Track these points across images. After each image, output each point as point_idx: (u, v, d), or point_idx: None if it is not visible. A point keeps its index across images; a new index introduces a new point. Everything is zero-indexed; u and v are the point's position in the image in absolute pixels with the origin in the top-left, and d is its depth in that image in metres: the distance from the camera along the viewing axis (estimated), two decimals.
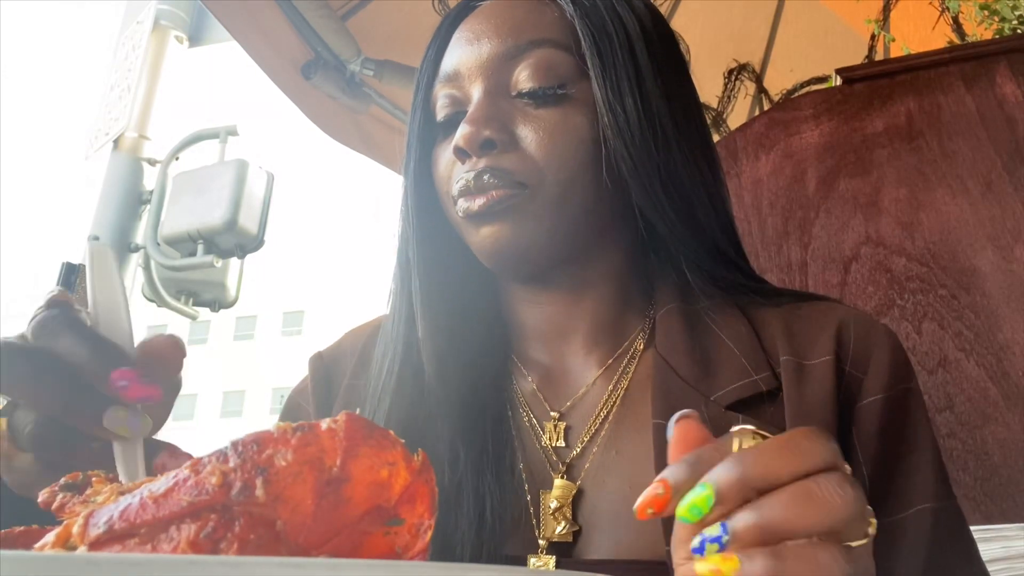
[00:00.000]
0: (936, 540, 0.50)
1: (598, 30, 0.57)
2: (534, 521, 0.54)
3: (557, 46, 0.58)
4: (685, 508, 0.32)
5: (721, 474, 0.32)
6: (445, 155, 0.59)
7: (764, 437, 0.35)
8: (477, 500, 0.53)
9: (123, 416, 0.38)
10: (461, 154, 0.57)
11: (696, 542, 0.33)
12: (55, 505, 0.31)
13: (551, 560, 0.52)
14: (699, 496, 0.32)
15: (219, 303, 3.70)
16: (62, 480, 0.33)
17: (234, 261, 3.57)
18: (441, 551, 0.51)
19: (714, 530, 0.32)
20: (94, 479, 0.33)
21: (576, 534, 0.53)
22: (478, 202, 0.55)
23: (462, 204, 0.57)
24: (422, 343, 0.58)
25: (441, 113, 0.60)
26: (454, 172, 0.58)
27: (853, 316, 0.57)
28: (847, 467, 0.34)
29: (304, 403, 0.66)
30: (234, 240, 3.33)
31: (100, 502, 0.30)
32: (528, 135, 0.56)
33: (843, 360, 0.55)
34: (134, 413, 0.38)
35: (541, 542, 0.53)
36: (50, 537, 0.27)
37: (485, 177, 0.55)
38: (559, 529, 0.53)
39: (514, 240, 0.56)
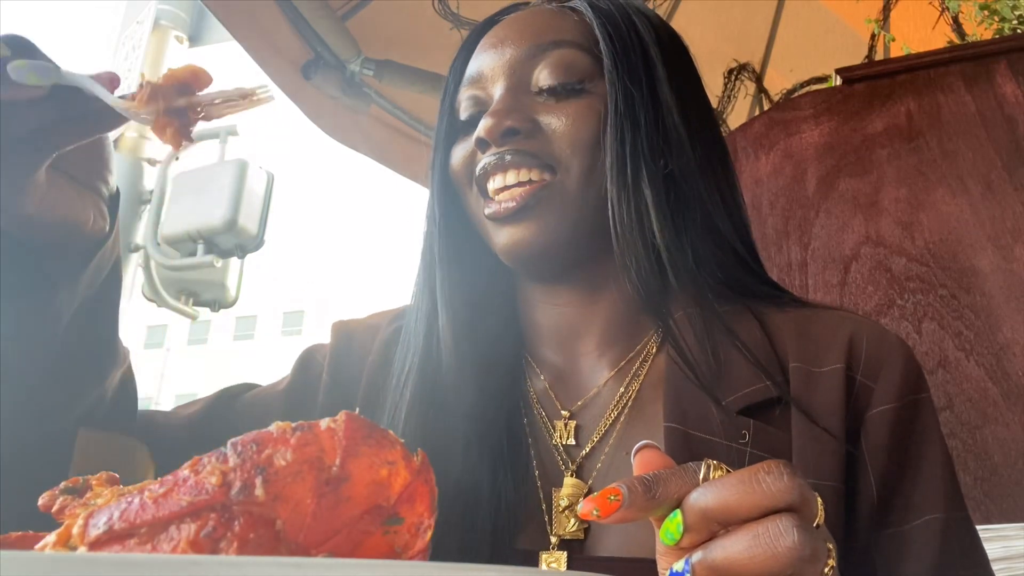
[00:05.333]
0: (945, 551, 0.50)
1: (615, 32, 0.60)
2: (546, 518, 0.54)
3: (576, 47, 0.60)
4: (661, 532, 0.35)
5: (687, 504, 0.35)
6: (463, 148, 0.61)
7: (728, 471, 0.36)
8: (492, 495, 0.54)
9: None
10: (482, 144, 0.58)
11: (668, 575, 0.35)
12: (55, 508, 0.31)
13: (563, 556, 0.52)
14: (670, 522, 0.35)
15: (219, 303, 3.71)
16: (62, 484, 0.33)
17: (234, 261, 3.57)
18: (459, 546, 0.52)
19: (679, 565, 0.34)
20: (94, 482, 0.33)
21: (587, 531, 0.53)
22: (503, 204, 0.57)
23: (486, 208, 0.58)
24: (442, 339, 0.59)
25: (464, 114, 0.62)
26: (475, 160, 0.59)
27: (866, 326, 0.57)
28: (811, 501, 0.35)
29: (320, 358, 0.67)
30: (234, 240, 3.34)
31: (100, 504, 0.30)
32: (552, 122, 0.58)
33: (854, 369, 0.55)
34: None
35: (553, 539, 0.53)
36: (51, 537, 0.27)
37: (507, 157, 0.57)
38: (570, 527, 0.53)
39: (535, 240, 0.57)
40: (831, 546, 0.35)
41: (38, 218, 0.49)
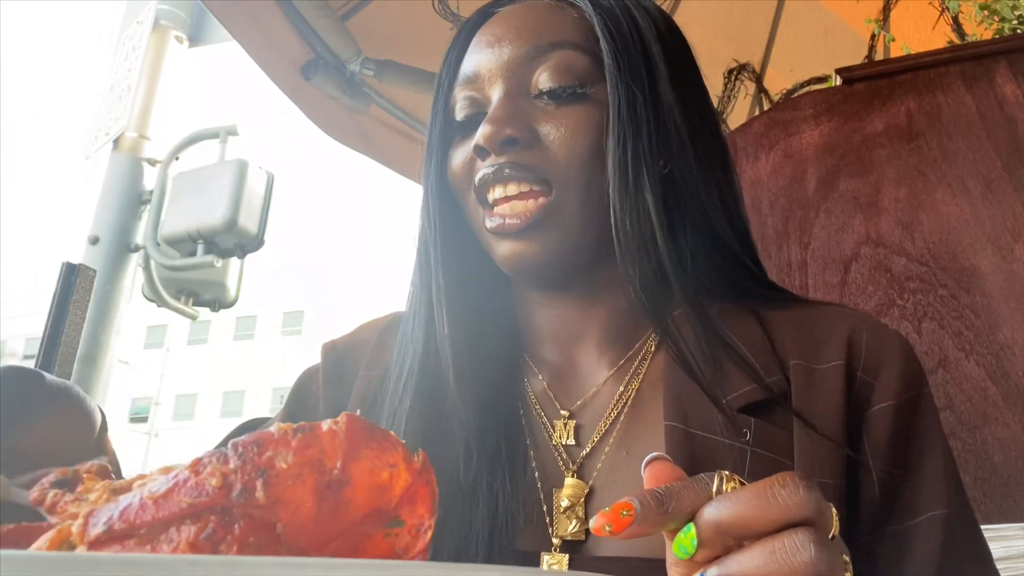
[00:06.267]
0: (948, 547, 0.50)
1: (616, 31, 0.58)
2: (547, 519, 0.54)
3: (576, 48, 0.58)
4: (674, 545, 0.35)
5: (701, 518, 0.34)
6: (462, 152, 0.60)
7: (742, 483, 0.35)
8: (490, 497, 0.53)
9: None
10: (482, 152, 0.57)
11: None
12: (47, 503, 0.31)
13: (564, 558, 0.52)
14: (684, 536, 0.34)
15: (219, 303, 3.70)
16: (52, 476, 0.32)
17: (234, 261, 3.57)
18: (456, 548, 0.52)
19: None
20: (85, 475, 0.33)
21: (587, 532, 0.53)
22: (503, 219, 0.56)
23: (487, 221, 0.57)
24: (441, 341, 0.59)
25: (460, 114, 0.61)
26: (474, 168, 0.58)
27: (865, 322, 0.57)
28: (827, 513, 0.35)
29: (314, 387, 0.66)
30: (234, 240, 3.34)
31: (93, 500, 0.30)
32: (550, 132, 0.57)
33: (854, 365, 0.55)
34: None
35: (555, 540, 0.53)
36: (43, 542, 0.27)
37: (506, 170, 0.56)
38: (571, 527, 0.53)
39: (538, 256, 0.56)
40: (847, 558, 0.35)
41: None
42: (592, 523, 0.35)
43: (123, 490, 0.30)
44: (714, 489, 0.35)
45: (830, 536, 0.34)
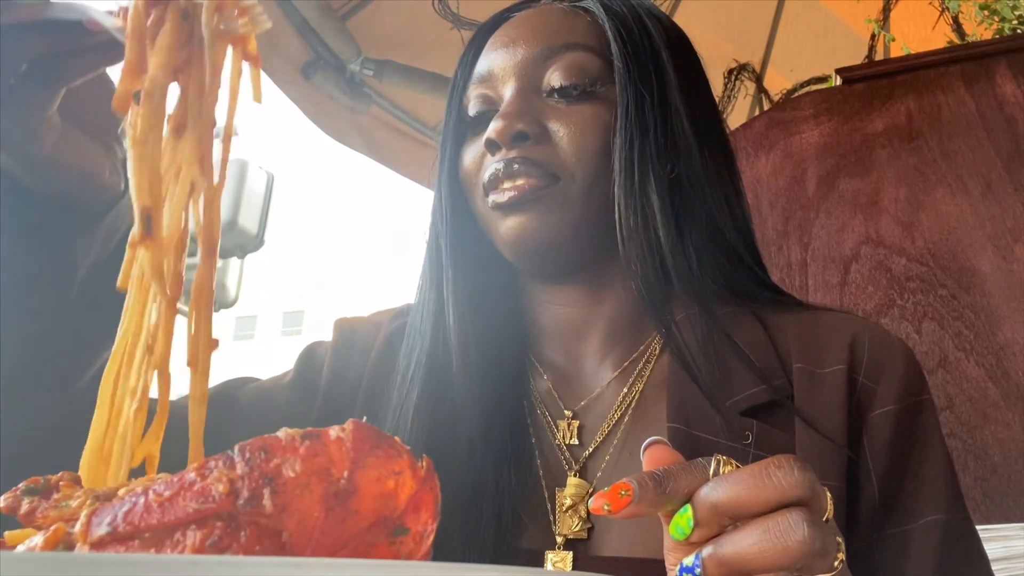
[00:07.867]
0: (945, 553, 0.51)
1: (628, 36, 0.60)
2: (551, 517, 0.55)
3: (588, 50, 0.60)
4: (671, 527, 0.35)
5: (698, 499, 0.35)
6: (474, 149, 0.61)
7: (738, 467, 0.36)
8: (496, 494, 0.54)
9: None
10: (492, 147, 0.58)
11: (675, 572, 0.35)
12: (23, 511, 0.30)
13: (568, 556, 0.53)
14: (680, 517, 0.35)
15: (219, 303, 3.70)
16: (22, 485, 0.31)
17: (234, 261, 3.57)
18: (463, 544, 0.52)
19: (689, 560, 0.35)
20: (61, 483, 0.32)
21: (590, 531, 0.54)
22: (507, 194, 0.57)
23: (492, 197, 0.58)
24: (451, 335, 0.59)
25: (473, 112, 0.62)
26: (484, 163, 0.59)
27: (868, 328, 0.58)
28: (821, 495, 0.35)
29: (322, 353, 0.67)
30: (234, 240, 3.33)
31: (76, 506, 0.30)
32: (560, 129, 0.58)
33: (856, 370, 0.55)
34: None
35: (558, 538, 0.54)
36: (39, 541, 0.27)
37: (515, 166, 0.57)
38: (574, 526, 0.54)
39: (538, 232, 0.57)
40: (840, 540, 0.35)
41: (54, 162, 0.48)
42: (591, 503, 0.35)
43: (107, 497, 0.30)
44: (711, 471, 0.36)
45: (824, 518, 0.35)
